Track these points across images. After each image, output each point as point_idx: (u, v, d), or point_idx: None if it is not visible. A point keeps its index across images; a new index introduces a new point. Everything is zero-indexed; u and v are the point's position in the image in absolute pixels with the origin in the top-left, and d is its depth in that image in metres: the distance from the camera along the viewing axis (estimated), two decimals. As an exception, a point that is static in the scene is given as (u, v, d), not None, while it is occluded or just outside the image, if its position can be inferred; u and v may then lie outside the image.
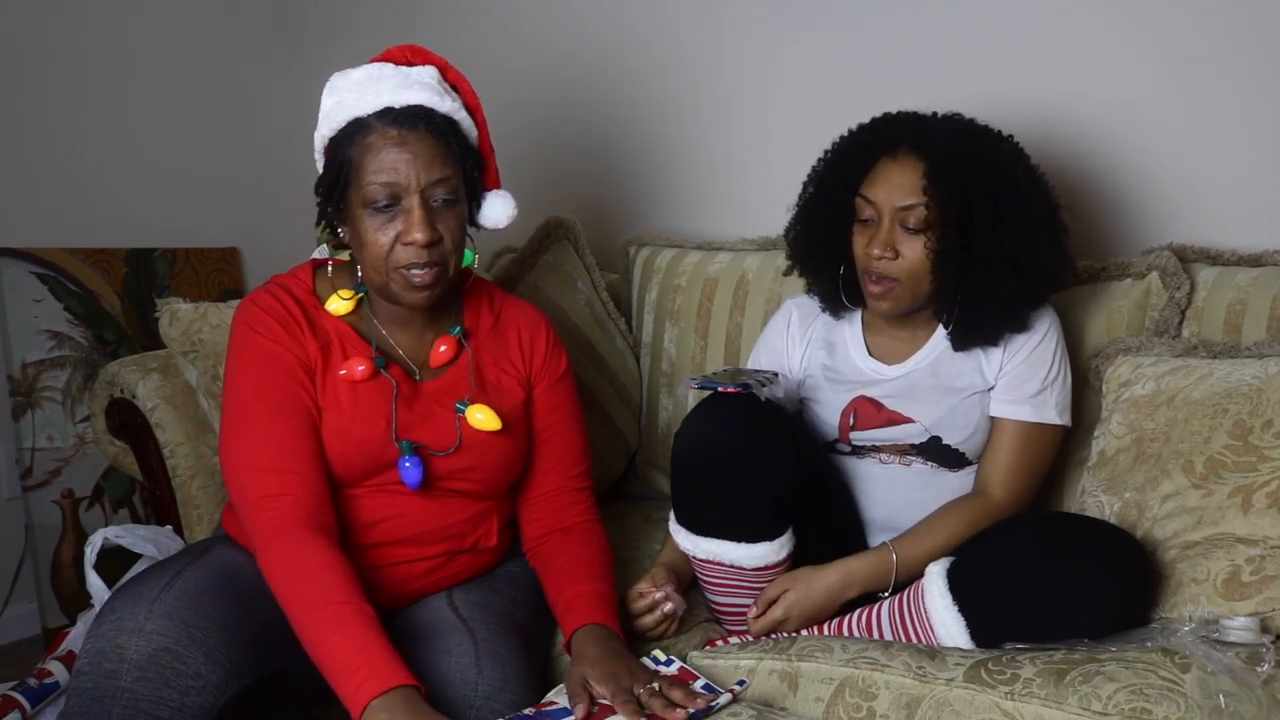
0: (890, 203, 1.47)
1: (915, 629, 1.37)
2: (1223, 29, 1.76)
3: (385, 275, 1.37)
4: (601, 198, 2.41)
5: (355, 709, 1.16)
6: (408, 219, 1.34)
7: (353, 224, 1.38)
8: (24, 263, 2.39)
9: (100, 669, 1.22)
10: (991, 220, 1.44)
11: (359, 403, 1.39)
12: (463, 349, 1.49)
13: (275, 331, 1.39)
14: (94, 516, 2.45)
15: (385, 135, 1.34)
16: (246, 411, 1.37)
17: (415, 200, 1.34)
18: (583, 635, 1.34)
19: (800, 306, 1.69)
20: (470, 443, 1.44)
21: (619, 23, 2.38)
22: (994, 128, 1.53)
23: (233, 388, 1.40)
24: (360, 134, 1.35)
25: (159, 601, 1.25)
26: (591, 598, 1.40)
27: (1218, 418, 1.41)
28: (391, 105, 1.35)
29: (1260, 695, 1.11)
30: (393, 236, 1.35)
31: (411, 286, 1.37)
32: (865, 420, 1.56)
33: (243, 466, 1.35)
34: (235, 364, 1.41)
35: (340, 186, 1.38)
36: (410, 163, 1.34)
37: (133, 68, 2.56)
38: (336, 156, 1.37)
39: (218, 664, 1.25)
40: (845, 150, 1.56)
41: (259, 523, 1.31)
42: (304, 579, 1.26)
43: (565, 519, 1.52)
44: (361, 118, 1.36)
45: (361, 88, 1.37)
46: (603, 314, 2.07)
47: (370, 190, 1.34)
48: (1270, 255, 1.66)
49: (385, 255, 1.36)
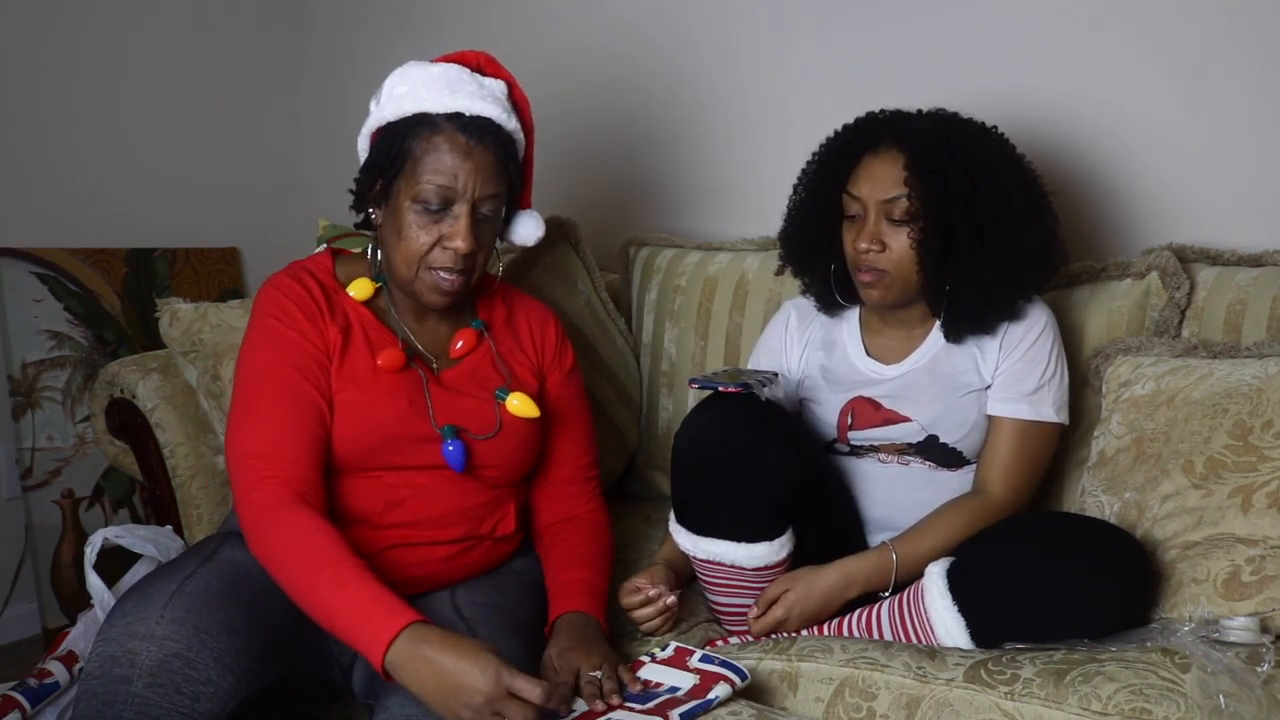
0: (874, 196, 1.49)
1: (915, 629, 1.37)
2: (1223, 29, 1.76)
3: (415, 272, 1.40)
4: (601, 198, 2.41)
5: (377, 661, 1.19)
6: (454, 225, 1.37)
7: (395, 214, 1.40)
8: (24, 263, 2.39)
9: (111, 673, 1.22)
10: (971, 207, 1.45)
11: (379, 383, 1.41)
12: (483, 340, 1.52)
13: (294, 317, 1.41)
14: (94, 516, 2.45)
15: (454, 140, 1.37)
16: (250, 399, 1.39)
17: (466, 209, 1.37)
18: (561, 621, 1.38)
19: (798, 308, 1.70)
20: (510, 429, 1.47)
21: (619, 23, 2.38)
22: (976, 119, 1.55)
23: (241, 374, 1.42)
24: (427, 130, 1.37)
25: (170, 606, 1.25)
26: (580, 585, 1.43)
27: (1218, 418, 1.41)
28: (463, 112, 1.37)
29: (1260, 695, 1.11)
30: (434, 238, 1.38)
31: (438, 290, 1.41)
32: (863, 420, 1.56)
33: (240, 452, 1.37)
34: (247, 350, 1.43)
35: (391, 174, 1.39)
36: (471, 173, 1.36)
37: (133, 68, 2.56)
38: (395, 144, 1.39)
39: (228, 670, 1.25)
40: (830, 150, 1.59)
41: (247, 505, 1.34)
42: (296, 549, 1.28)
43: (573, 508, 1.56)
44: (431, 114, 1.37)
45: (437, 85, 1.39)
46: (603, 314, 2.07)
47: (425, 189, 1.36)
48: (1270, 255, 1.66)
49: (422, 254, 1.39)
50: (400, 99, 1.39)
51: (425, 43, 2.66)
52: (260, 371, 1.40)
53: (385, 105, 1.41)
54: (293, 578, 1.28)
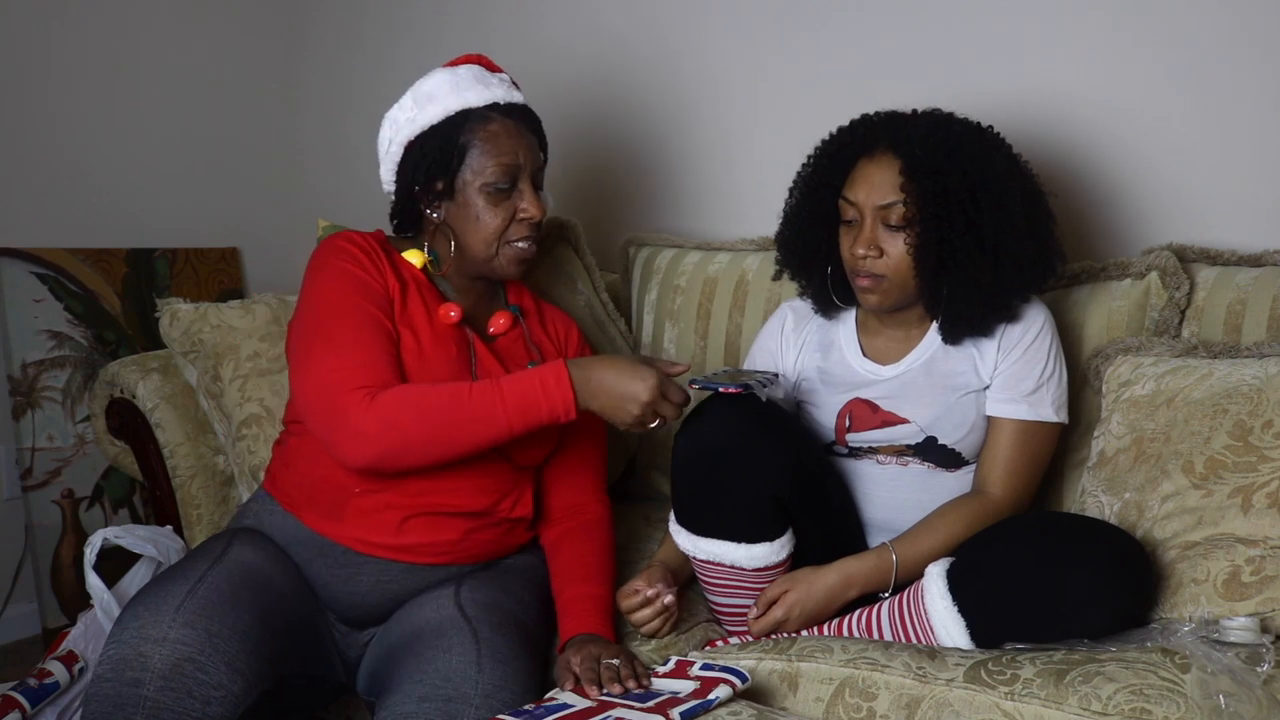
0: (870, 202, 1.49)
1: (915, 629, 1.37)
2: (1223, 29, 1.76)
3: (495, 250, 1.52)
4: (601, 198, 2.41)
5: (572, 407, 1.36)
6: (524, 197, 1.51)
7: (464, 204, 1.50)
8: (24, 263, 2.39)
9: (123, 676, 1.23)
10: (969, 212, 1.45)
11: (436, 334, 1.48)
12: (518, 323, 1.61)
13: (359, 260, 1.49)
14: (94, 516, 2.45)
15: (505, 125, 1.51)
16: (331, 328, 1.42)
17: (528, 183, 1.52)
18: (575, 640, 1.39)
19: (795, 310, 1.70)
20: None
21: (618, 24, 2.38)
22: (972, 119, 1.54)
23: (313, 309, 1.45)
24: (476, 123, 1.50)
25: (182, 610, 1.26)
26: (590, 601, 1.45)
27: (1218, 418, 1.41)
28: (499, 101, 1.52)
29: (1260, 695, 1.11)
30: (508, 214, 1.51)
31: (519, 260, 1.53)
32: (860, 422, 1.56)
33: (327, 369, 1.38)
34: (315, 290, 1.47)
35: (451, 170, 1.50)
36: (527, 149, 1.52)
37: (133, 68, 2.56)
38: (444, 142, 1.49)
39: (239, 674, 1.26)
40: (825, 154, 1.58)
41: (349, 406, 1.35)
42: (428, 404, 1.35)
43: (585, 510, 1.60)
44: (475, 109, 1.51)
45: (467, 83, 1.52)
46: (602, 314, 2.07)
47: (493, 173, 1.49)
48: (1270, 255, 1.66)
49: (500, 232, 1.51)
50: (439, 100, 1.51)
51: (425, 44, 2.67)
52: (337, 303, 1.44)
53: (424, 110, 1.50)
54: (442, 422, 1.34)
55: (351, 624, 1.48)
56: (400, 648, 1.37)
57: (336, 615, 1.48)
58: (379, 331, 1.43)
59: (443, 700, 1.26)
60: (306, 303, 1.47)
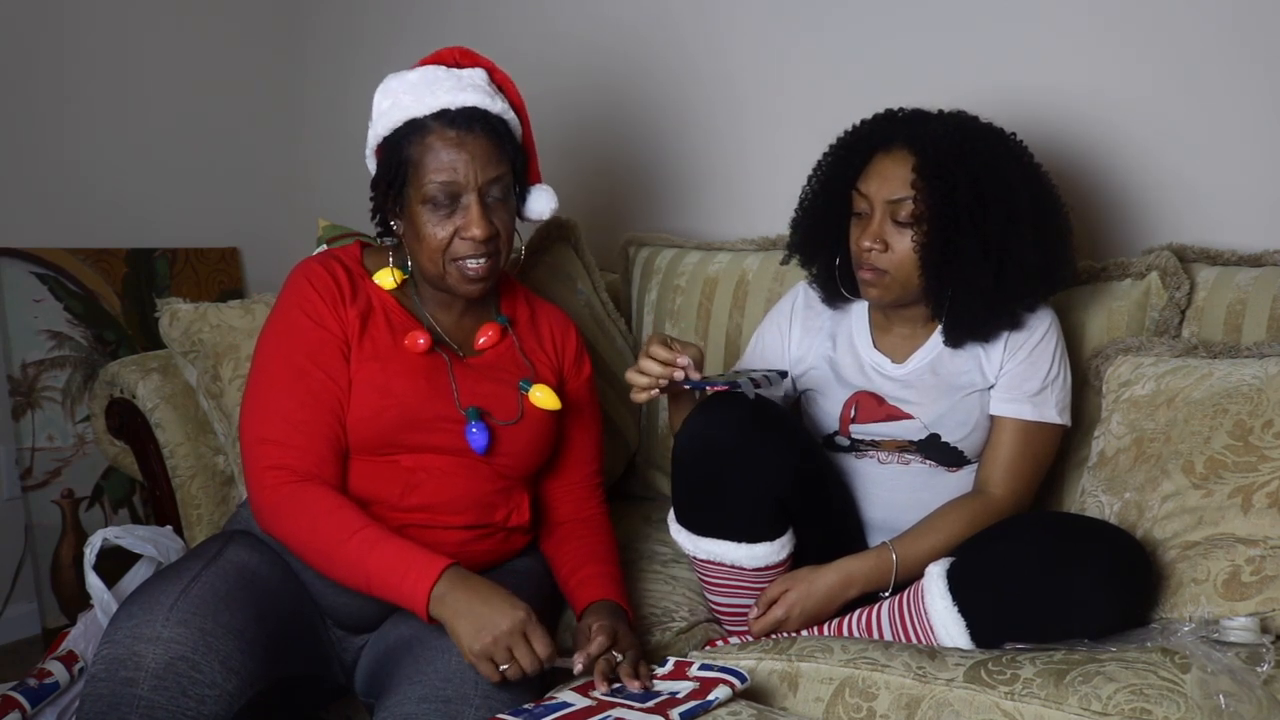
0: (881, 196, 1.49)
1: (915, 629, 1.37)
2: (1223, 29, 1.76)
3: (442, 267, 1.43)
4: (601, 198, 2.41)
5: (421, 608, 1.27)
6: (467, 215, 1.40)
7: (411, 219, 1.43)
8: (24, 263, 2.39)
9: (117, 676, 1.23)
10: (976, 217, 1.45)
11: (400, 360, 1.45)
12: (507, 334, 1.56)
13: (314, 304, 1.44)
14: (94, 516, 2.45)
15: (444, 136, 1.40)
16: (261, 387, 1.43)
17: (474, 198, 1.40)
18: (594, 606, 1.42)
19: (808, 293, 1.70)
20: (530, 418, 1.50)
21: (617, 24, 2.38)
22: (995, 125, 1.54)
23: (255, 361, 1.46)
24: (418, 134, 1.41)
25: (175, 609, 1.26)
26: (604, 577, 1.48)
27: (1218, 418, 1.41)
28: (448, 107, 1.41)
29: (1260, 695, 1.11)
30: (451, 231, 1.41)
31: (467, 279, 1.44)
32: (866, 414, 1.56)
33: (253, 439, 1.40)
34: (264, 338, 1.47)
35: (399, 184, 1.43)
36: (469, 162, 1.40)
37: (133, 68, 2.56)
38: (394, 156, 1.43)
39: (234, 673, 1.26)
40: (844, 145, 1.59)
41: (260, 488, 1.37)
42: (316, 522, 1.33)
43: (583, 509, 1.59)
44: (418, 119, 1.41)
45: (417, 90, 1.42)
46: (602, 314, 2.07)
47: (430, 189, 1.40)
48: (1270, 255, 1.66)
49: (443, 249, 1.42)
50: (388, 112, 1.43)
51: (425, 44, 2.65)
52: (272, 359, 1.43)
53: (377, 122, 1.45)
54: (318, 547, 1.32)
55: (347, 629, 1.47)
56: (399, 648, 1.37)
57: (333, 620, 1.47)
58: (320, 407, 1.40)
59: (442, 700, 1.26)
60: (257, 348, 1.47)
